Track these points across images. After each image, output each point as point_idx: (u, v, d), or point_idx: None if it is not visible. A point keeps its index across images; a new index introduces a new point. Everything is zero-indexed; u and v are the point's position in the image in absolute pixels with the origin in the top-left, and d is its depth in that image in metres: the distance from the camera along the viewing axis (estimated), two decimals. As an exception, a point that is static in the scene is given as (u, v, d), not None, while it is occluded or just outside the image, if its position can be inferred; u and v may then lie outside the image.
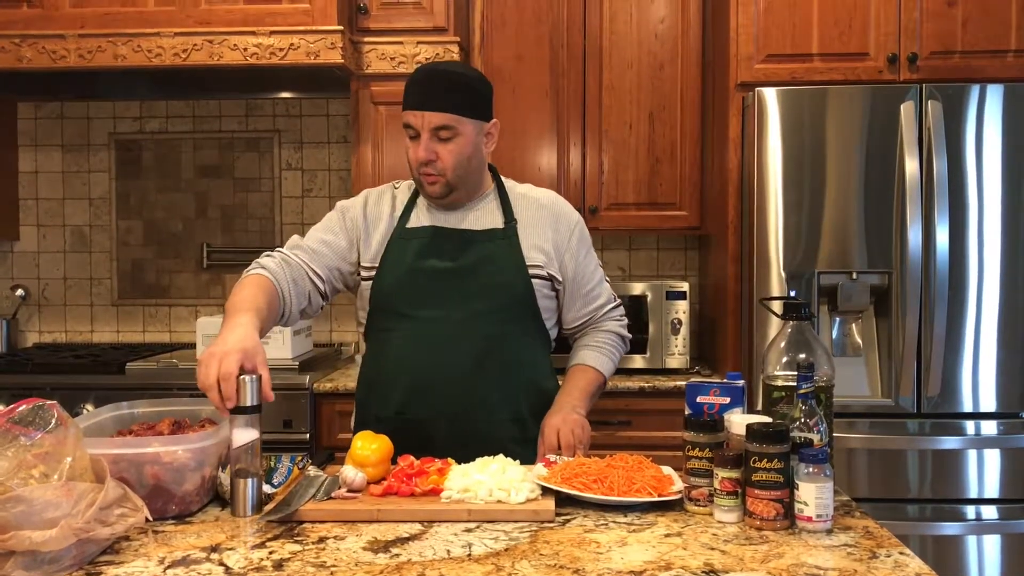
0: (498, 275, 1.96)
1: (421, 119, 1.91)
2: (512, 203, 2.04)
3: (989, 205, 2.90)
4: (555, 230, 2.04)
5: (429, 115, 1.90)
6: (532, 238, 2.01)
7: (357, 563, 1.35)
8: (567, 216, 2.08)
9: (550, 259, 2.02)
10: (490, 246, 1.98)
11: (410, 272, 1.97)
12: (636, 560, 1.35)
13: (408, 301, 1.96)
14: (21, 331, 3.87)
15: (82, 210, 3.87)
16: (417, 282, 1.96)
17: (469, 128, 1.94)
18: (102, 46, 3.12)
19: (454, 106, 1.91)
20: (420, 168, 1.93)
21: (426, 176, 1.94)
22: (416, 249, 1.98)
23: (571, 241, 2.06)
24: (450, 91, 1.91)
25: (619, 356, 2.15)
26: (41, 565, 1.28)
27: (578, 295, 2.08)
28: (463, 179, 1.97)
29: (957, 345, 2.91)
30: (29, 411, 1.43)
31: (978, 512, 2.91)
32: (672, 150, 3.43)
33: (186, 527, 1.53)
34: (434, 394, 1.94)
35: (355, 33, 3.33)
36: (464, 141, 1.93)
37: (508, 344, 1.96)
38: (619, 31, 3.41)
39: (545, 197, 2.09)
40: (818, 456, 1.48)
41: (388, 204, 2.06)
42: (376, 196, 2.08)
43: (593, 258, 2.12)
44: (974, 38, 3.02)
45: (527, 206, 2.05)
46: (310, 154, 3.82)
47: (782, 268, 2.94)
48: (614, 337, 2.13)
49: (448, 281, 1.96)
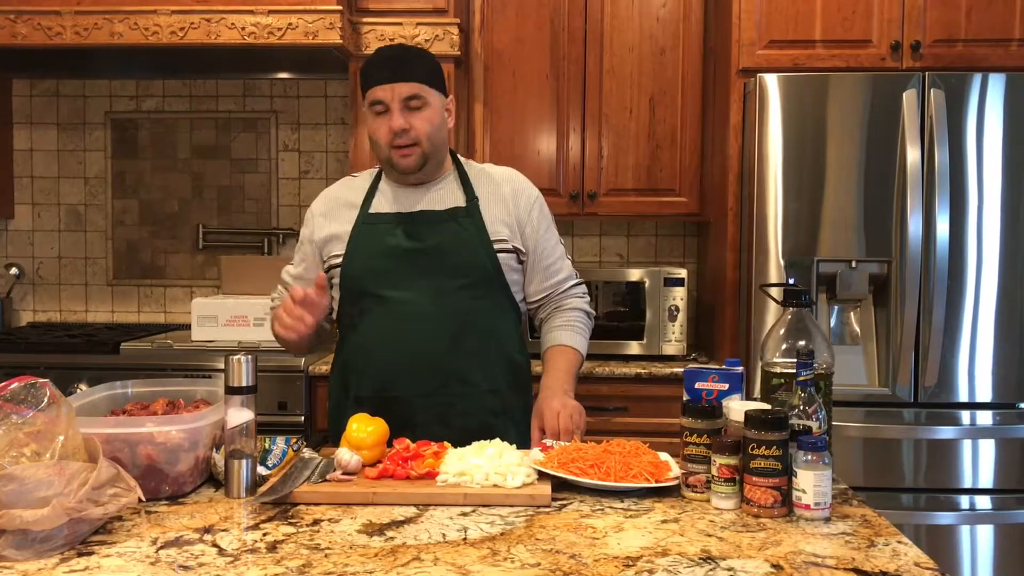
0: (465, 252, 1.99)
1: (391, 91, 1.94)
2: (472, 181, 2.07)
3: (989, 195, 2.89)
4: (515, 204, 2.06)
5: (399, 86, 1.94)
6: (494, 213, 2.04)
7: (352, 546, 1.34)
8: (526, 191, 2.10)
9: (513, 232, 2.04)
10: (454, 225, 2.01)
11: (378, 255, 2.00)
12: (633, 546, 1.34)
13: (378, 282, 1.99)
14: (15, 310, 3.85)
15: (77, 189, 3.84)
16: (386, 264, 1.99)
17: (436, 99, 2.00)
18: (98, 23, 3.09)
19: (422, 77, 1.97)
20: (394, 141, 1.96)
21: (399, 149, 1.97)
22: (382, 232, 2.01)
23: (531, 215, 2.08)
24: (415, 64, 1.98)
25: (589, 333, 2.15)
26: (32, 544, 1.27)
27: (538, 268, 2.09)
28: (435, 150, 2.01)
29: (955, 335, 2.90)
30: (21, 389, 1.42)
31: (972, 502, 2.91)
32: (672, 136, 3.40)
33: (179, 508, 1.52)
34: (411, 372, 1.97)
35: (354, 13, 3.30)
36: (433, 111, 1.99)
37: (481, 319, 1.99)
38: (620, 15, 3.39)
39: (503, 173, 2.13)
40: (817, 444, 1.47)
41: (348, 192, 2.11)
42: (333, 191, 2.15)
43: (554, 234, 2.13)
44: (978, 26, 3.00)
45: (487, 183, 2.08)
46: (307, 135, 3.79)
47: (781, 256, 2.93)
48: (581, 315, 2.13)
49: (416, 261, 1.98)
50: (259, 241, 3.79)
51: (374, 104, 1.97)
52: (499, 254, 2.01)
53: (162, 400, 1.77)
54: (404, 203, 2.04)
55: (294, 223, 3.79)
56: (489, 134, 3.42)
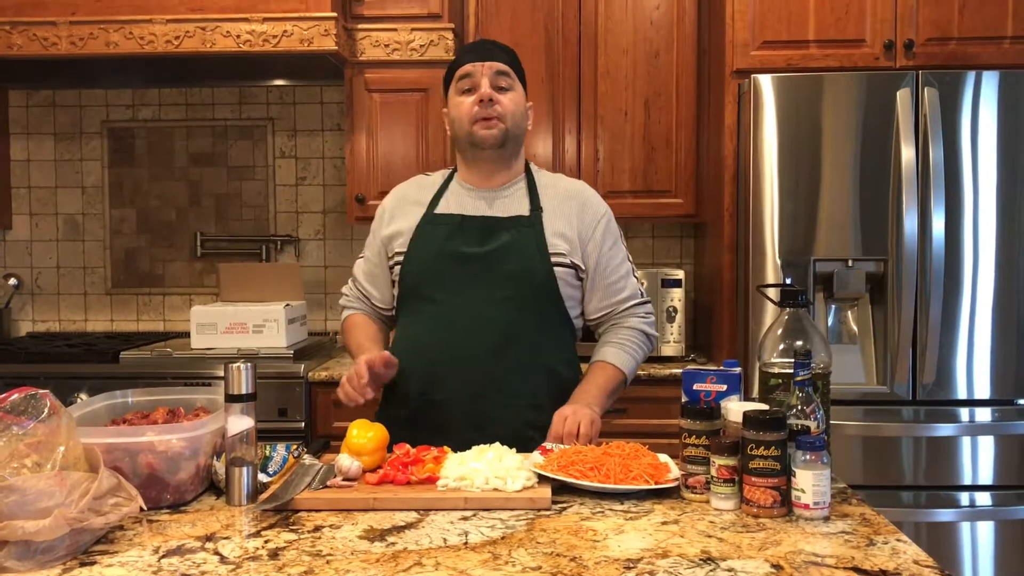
0: (520, 262, 1.98)
1: (481, 67, 2.00)
2: (540, 191, 2.06)
3: (985, 192, 2.90)
4: (580, 219, 2.05)
5: (491, 64, 2.00)
6: (556, 226, 2.02)
7: (353, 552, 1.34)
8: (594, 206, 2.09)
9: (574, 247, 2.02)
10: (514, 233, 2.00)
11: (436, 257, 2.00)
12: (633, 548, 1.35)
13: (432, 285, 1.99)
14: (14, 320, 3.85)
15: (75, 198, 3.85)
16: (442, 267, 1.99)
17: (520, 88, 2.06)
18: (94, 33, 3.10)
19: (510, 62, 2.04)
20: (480, 113, 1.98)
21: (485, 121, 1.99)
22: (443, 235, 2.01)
23: (596, 231, 2.06)
24: (505, 51, 2.06)
25: (643, 354, 2.11)
26: (35, 555, 1.27)
27: (599, 286, 2.07)
28: (516, 135, 2.04)
29: (952, 332, 2.91)
30: (21, 400, 1.42)
31: (972, 499, 2.92)
32: (668, 137, 3.41)
33: (181, 516, 1.52)
34: (453, 377, 1.97)
35: (349, 20, 3.31)
36: (518, 97, 2.04)
37: (528, 330, 1.97)
38: (615, 17, 3.40)
39: (573, 187, 2.12)
40: (815, 443, 1.48)
41: (418, 191, 2.11)
42: (404, 188, 2.16)
43: (620, 251, 2.10)
44: (971, 24, 3.02)
45: (554, 194, 2.07)
46: (304, 142, 3.80)
47: (778, 255, 2.94)
48: (638, 335, 2.09)
49: (472, 266, 1.98)
50: (257, 248, 3.80)
51: (462, 79, 2.01)
52: (556, 267, 1.99)
53: (162, 409, 1.77)
54: (469, 206, 2.04)
55: (291, 230, 3.80)
56: (485, 138, 3.42)
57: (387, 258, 2.09)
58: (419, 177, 2.18)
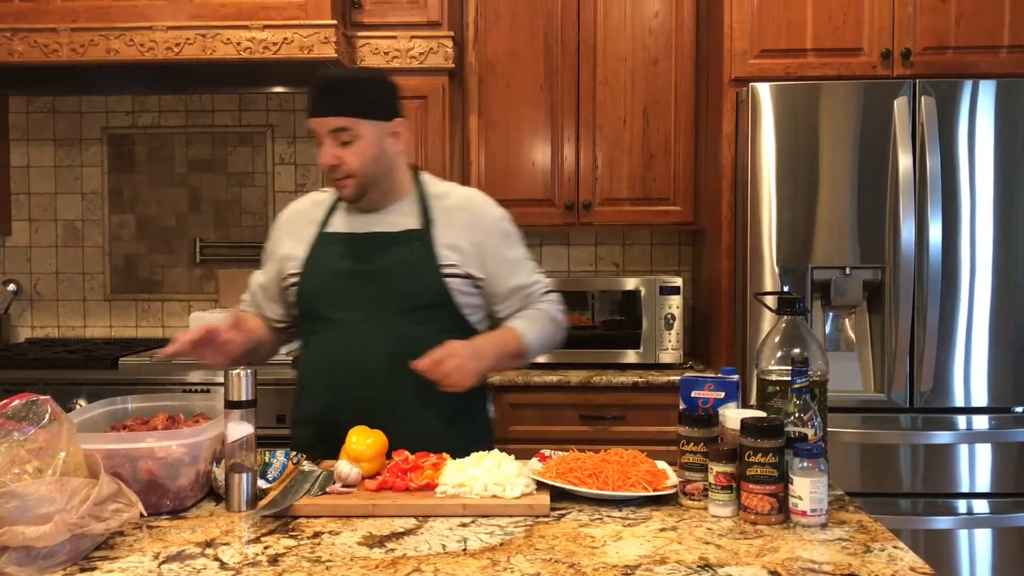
0: (412, 276, 1.98)
1: (321, 124, 1.95)
2: (430, 204, 2.05)
3: (981, 201, 2.91)
4: (474, 229, 2.04)
5: (324, 120, 1.94)
6: (447, 237, 2.01)
7: (352, 558, 1.35)
8: (487, 214, 2.08)
9: (467, 257, 2.01)
10: (404, 248, 2.00)
11: (329, 277, 2.01)
12: (631, 554, 1.35)
13: (328, 305, 2.00)
14: (13, 326, 3.86)
15: (74, 204, 3.85)
16: (334, 286, 2.00)
17: (368, 130, 1.95)
18: (95, 40, 3.11)
19: (348, 110, 1.93)
20: (328, 173, 1.98)
21: (335, 181, 1.98)
22: (334, 254, 2.02)
23: (491, 239, 2.04)
24: (343, 96, 1.94)
25: (549, 335, 2.08)
26: (35, 560, 1.28)
27: (503, 289, 2.06)
28: (374, 180, 1.99)
29: (949, 340, 2.92)
30: (22, 406, 1.42)
31: (969, 506, 2.93)
32: (666, 145, 3.43)
33: (180, 522, 1.53)
34: (352, 395, 1.97)
35: (349, 27, 3.32)
36: (365, 143, 1.95)
37: (423, 343, 1.89)
38: (613, 25, 3.41)
39: (464, 196, 2.11)
40: (812, 451, 1.49)
41: (312, 209, 2.12)
42: (299, 205, 2.17)
43: (519, 252, 2.10)
44: (967, 34, 3.03)
45: (446, 206, 2.06)
46: (303, 149, 3.81)
47: (775, 263, 2.95)
48: (548, 317, 2.08)
49: (363, 283, 1.98)
50: (256, 255, 3.72)
51: (312, 134, 1.99)
52: (448, 279, 1.98)
53: (162, 415, 1.78)
54: (358, 224, 2.04)
55: (291, 236, 3.80)
56: (484, 145, 3.44)
57: (281, 279, 2.09)
58: (314, 194, 2.17)
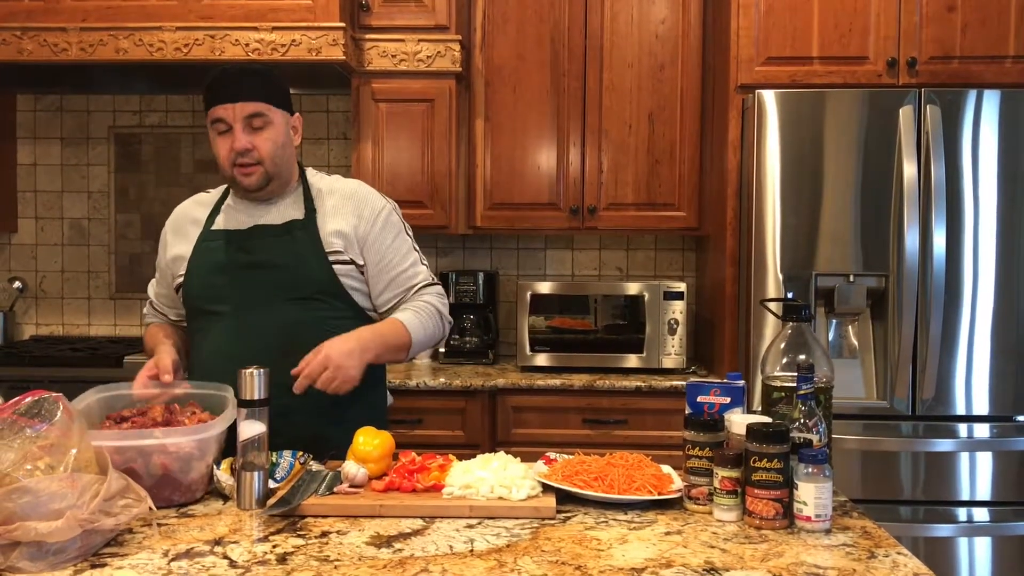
0: (297, 264, 1.99)
1: (233, 110, 1.94)
2: (315, 195, 2.08)
3: (985, 210, 2.92)
4: (358, 217, 2.05)
5: (241, 105, 1.94)
6: (332, 225, 2.03)
7: (360, 557, 1.36)
8: (371, 204, 2.09)
9: (350, 243, 2.03)
10: (288, 238, 2.01)
11: (215, 272, 2.02)
12: (637, 557, 1.36)
13: (215, 300, 2.01)
14: (18, 323, 3.87)
15: (80, 203, 3.87)
16: (220, 281, 2.01)
17: (279, 117, 1.99)
18: (104, 40, 3.12)
19: (264, 95, 1.96)
20: (236, 159, 1.96)
21: (242, 168, 1.97)
22: (218, 249, 2.03)
23: (374, 227, 2.06)
24: (258, 82, 1.97)
25: (433, 327, 2.09)
26: (47, 556, 1.29)
27: (386, 278, 2.07)
28: (279, 169, 2.01)
29: (952, 348, 2.92)
30: (34, 403, 1.44)
31: (970, 514, 2.93)
32: (671, 151, 3.44)
33: (189, 520, 1.54)
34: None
35: (357, 30, 3.33)
36: (276, 130, 1.98)
37: (314, 329, 1.94)
38: (620, 31, 3.43)
39: (348, 187, 2.12)
40: (817, 456, 1.50)
41: (195, 209, 2.13)
42: (184, 208, 2.17)
43: (405, 243, 2.11)
44: (973, 43, 3.04)
45: (330, 197, 2.08)
46: (310, 150, 3.82)
47: (779, 270, 2.96)
48: (432, 309, 2.09)
49: (251, 275, 1.99)
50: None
51: (216, 123, 1.96)
52: (335, 265, 2.01)
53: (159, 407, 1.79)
54: (243, 219, 2.05)
55: (296, 237, 3.81)
56: (490, 149, 3.45)
57: (171, 281, 2.10)
58: (199, 195, 2.18)
